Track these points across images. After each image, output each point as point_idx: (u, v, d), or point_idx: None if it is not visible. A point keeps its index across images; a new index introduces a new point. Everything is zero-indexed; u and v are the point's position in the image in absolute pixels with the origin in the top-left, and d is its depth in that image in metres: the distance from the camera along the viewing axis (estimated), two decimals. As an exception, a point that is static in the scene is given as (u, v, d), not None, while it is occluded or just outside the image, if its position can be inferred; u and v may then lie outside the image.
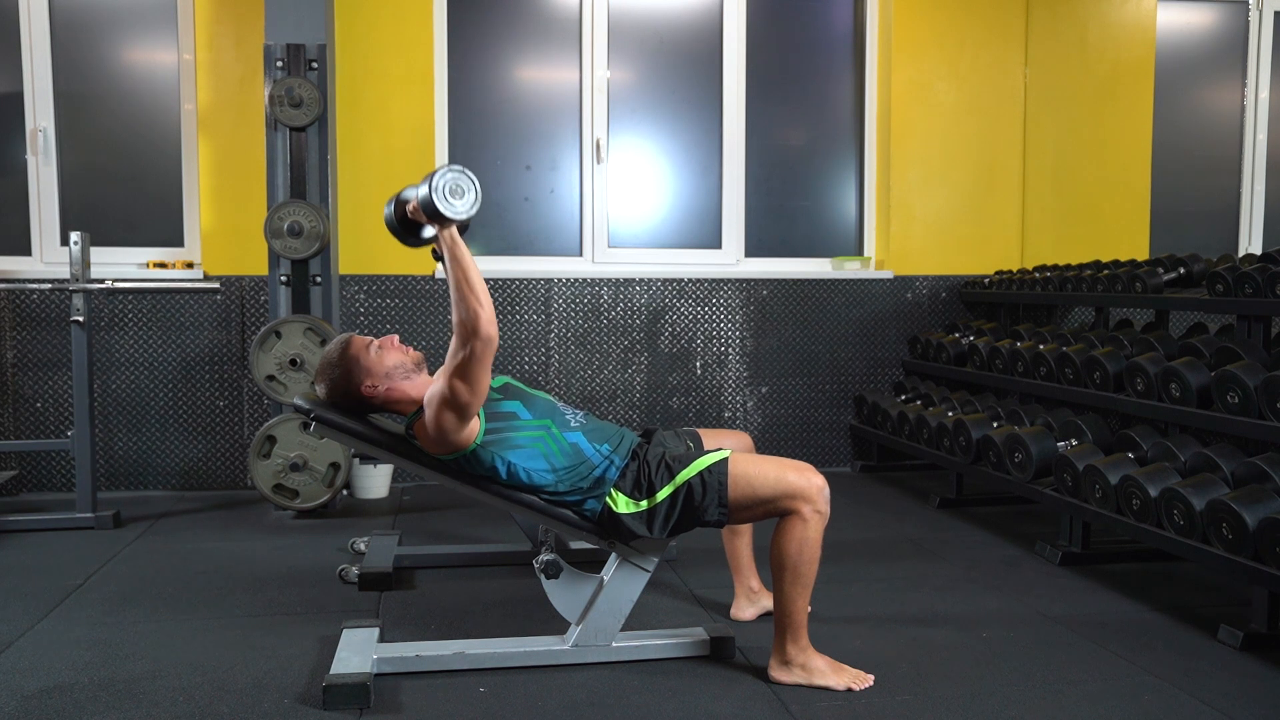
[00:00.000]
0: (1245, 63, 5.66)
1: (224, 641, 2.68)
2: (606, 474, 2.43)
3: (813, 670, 2.40)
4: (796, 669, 2.41)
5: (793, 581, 2.37)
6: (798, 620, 2.40)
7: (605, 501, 2.42)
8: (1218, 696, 2.36)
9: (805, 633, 2.42)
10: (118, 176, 4.64)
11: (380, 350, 2.46)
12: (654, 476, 2.41)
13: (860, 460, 5.08)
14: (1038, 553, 3.54)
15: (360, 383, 2.44)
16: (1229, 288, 3.36)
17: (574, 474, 2.42)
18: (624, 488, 2.42)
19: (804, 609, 2.41)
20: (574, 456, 2.43)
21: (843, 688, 2.37)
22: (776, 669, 2.43)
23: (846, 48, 5.23)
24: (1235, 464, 3.00)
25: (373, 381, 2.44)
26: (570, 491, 2.43)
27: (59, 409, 4.44)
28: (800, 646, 2.41)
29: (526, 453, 2.41)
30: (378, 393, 2.45)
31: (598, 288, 4.85)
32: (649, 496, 2.40)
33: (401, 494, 4.55)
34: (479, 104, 4.88)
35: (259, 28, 4.38)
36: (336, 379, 2.45)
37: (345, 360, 2.44)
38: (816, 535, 2.36)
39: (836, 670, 2.42)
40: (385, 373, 2.44)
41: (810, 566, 2.37)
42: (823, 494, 2.37)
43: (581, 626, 2.48)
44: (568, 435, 2.45)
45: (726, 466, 2.40)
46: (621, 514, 2.40)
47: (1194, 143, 5.65)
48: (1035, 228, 5.23)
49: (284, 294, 4.20)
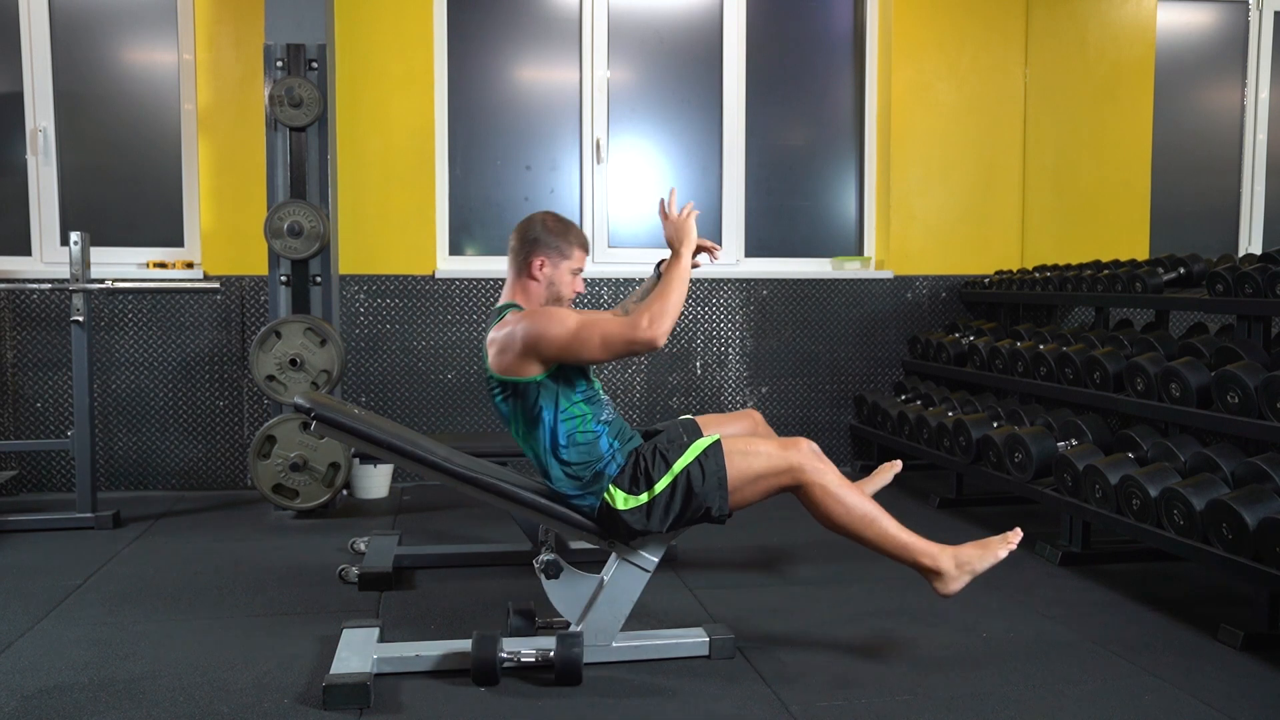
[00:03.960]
0: (1245, 63, 5.66)
1: (224, 641, 2.68)
2: (607, 470, 2.43)
3: (964, 564, 2.44)
4: (955, 575, 2.44)
5: (863, 531, 2.40)
6: (911, 548, 2.42)
7: (604, 498, 2.42)
8: (1218, 696, 2.36)
9: (928, 547, 2.43)
10: (118, 176, 4.64)
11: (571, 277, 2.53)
12: (651, 468, 2.41)
13: (860, 460, 5.08)
14: (1038, 553, 3.54)
15: (536, 259, 2.50)
16: (1229, 288, 3.36)
17: (581, 465, 2.43)
18: (622, 484, 2.42)
19: (899, 536, 2.41)
20: (589, 450, 2.43)
21: (1005, 554, 2.45)
22: (942, 585, 2.45)
23: (846, 48, 5.23)
24: (1235, 464, 3.00)
25: (540, 268, 2.50)
26: (571, 480, 2.43)
27: (59, 409, 4.44)
28: (938, 559, 2.43)
29: (563, 420, 2.42)
30: (537, 275, 2.50)
31: (598, 288, 4.85)
32: (648, 489, 2.40)
33: (401, 494, 4.55)
34: (479, 104, 4.88)
35: (259, 28, 4.38)
36: (529, 236, 2.51)
37: (548, 235, 2.51)
38: (837, 488, 2.38)
39: (984, 548, 2.46)
40: (549, 281, 2.51)
41: (861, 508, 2.39)
42: (813, 454, 2.40)
43: (582, 626, 2.48)
44: (595, 427, 2.46)
45: (721, 449, 2.40)
46: (621, 510, 2.40)
47: (1194, 143, 5.65)
48: (1035, 228, 5.23)
49: (284, 294, 4.20)
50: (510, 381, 2.42)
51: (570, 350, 2.34)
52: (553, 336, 2.34)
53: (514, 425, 2.49)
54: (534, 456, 2.49)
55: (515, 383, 2.42)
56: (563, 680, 2.34)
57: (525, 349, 2.36)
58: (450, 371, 4.75)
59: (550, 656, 2.38)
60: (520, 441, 2.51)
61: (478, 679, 2.36)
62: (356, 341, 4.67)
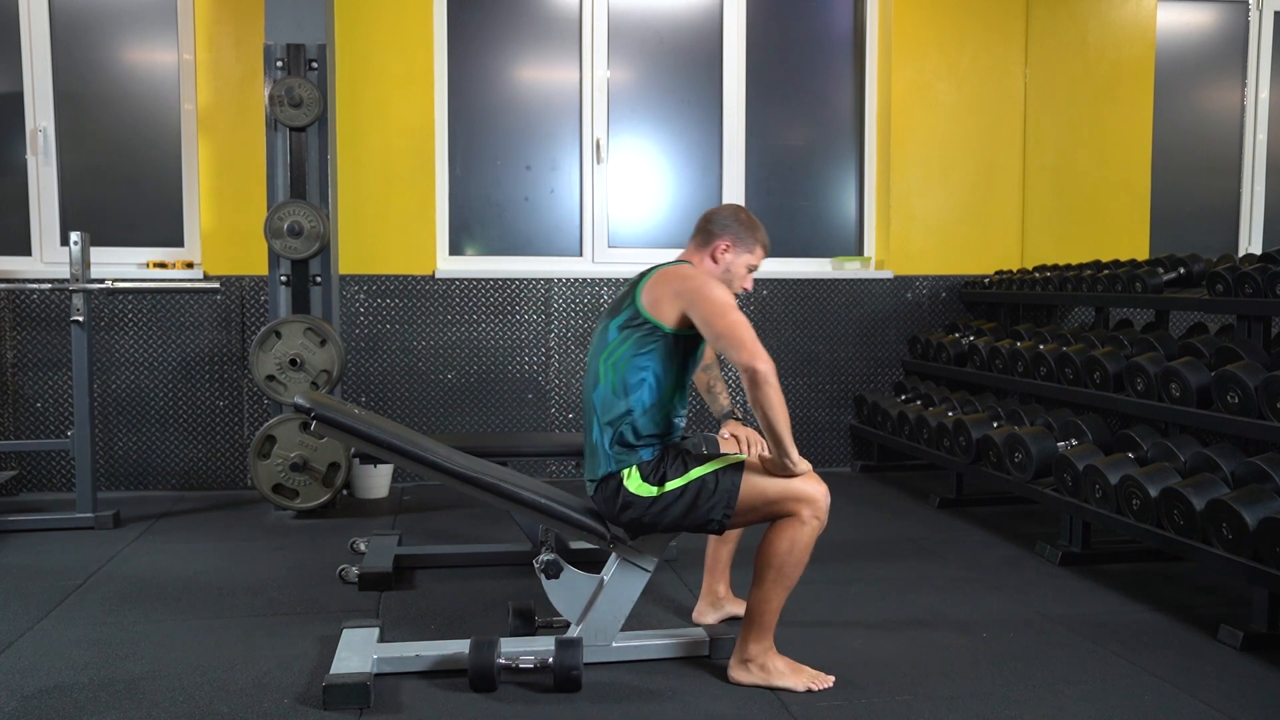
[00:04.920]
0: (1245, 63, 5.66)
1: (224, 641, 2.68)
2: (642, 452, 2.42)
3: (771, 670, 2.40)
4: (755, 668, 2.41)
5: (775, 581, 2.37)
6: (767, 621, 2.40)
7: (621, 471, 2.41)
8: (1218, 696, 2.36)
9: (771, 634, 2.42)
10: (118, 176, 4.64)
11: (746, 272, 2.57)
12: (669, 468, 2.41)
13: (860, 460, 5.08)
14: (1038, 553, 3.54)
15: (722, 242, 2.55)
16: (1229, 288, 3.36)
17: (633, 432, 2.42)
18: (643, 470, 2.41)
19: (777, 610, 2.40)
20: (651, 425, 2.43)
21: (802, 689, 2.37)
22: (735, 668, 2.43)
23: (846, 48, 5.23)
24: (1235, 464, 3.00)
25: (724, 250, 2.54)
26: (614, 434, 2.42)
27: (59, 409, 4.44)
28: (763, 646, 2.41)
29: (650, 383, 2.42)
30: (717, 257, 2.55)
31: (598, 288, 4.85)
32: (659, 485, 2.39)
33: (401, 494, 4.55)
34: (479, 104, 4.88)
35: (259, 28, 4.38)
36: (722, 219, 2.56)
37: (739, 226, 2.56)
38: (809, 540, 2.36)
39: (795, 671, 2.41)
40: (727, 266, 2.55)
41: (795, 570, 2.37)
42: (825, 501, 2.36)
43: (582, 626, 2.48)
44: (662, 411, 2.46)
45: (741, 472, 2.39)
46: (628, 488, 2.39)
47: (1194, 143, 5.65)
48: (1035, 228, 5.23)
49: (284, 294, 4.20)
50: (646, 318, 2.42)
51: (712, 312, 2.35)
52: (715, 291, 2.39)
53: (608, 356, 2.46)
54: (603, 392, 2.45)
55: (648, 320, 2.42)
56: (562, 689, 2.34)
57: (676, 297, 2.40)
58: (450, 371, 4.75)
59: (549, 663, 2.37)
60: (602, 369, 2.46)
61: (475, 685, 2.35)
62: (356, 341, 4.67)
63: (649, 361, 2.42)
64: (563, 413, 4.84)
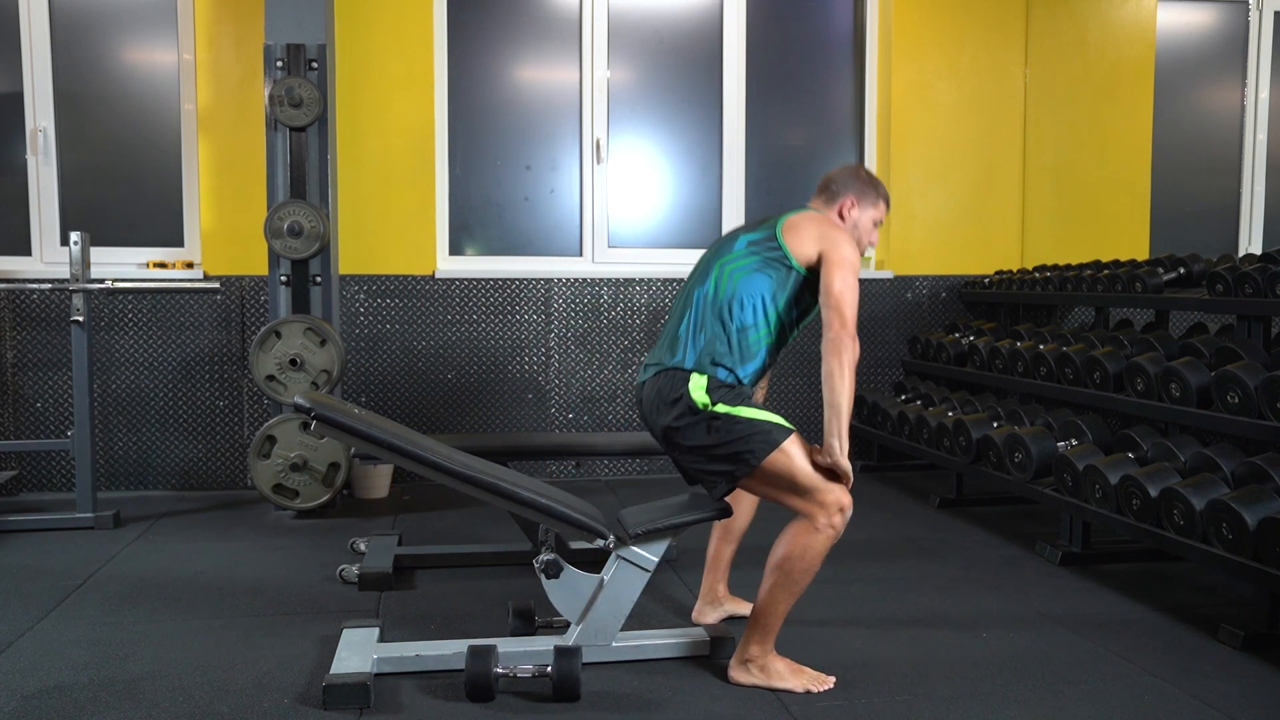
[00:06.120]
0: (1245, 63, 5.66)
1: (224, 641, 2.68)
2: (719, 371, 2.44)
3: (771, 672, 2.41)
4: (755, 669, 2.41)
5: (783, 585, 2.37)
6: (772, 624, 2.40)
7: (691, 373, 2.42)
8: (1218, 696, 2.36)
9: (773, 638, 2.42)
10: (118, 176, 4.64)
11: (872, 226, 2.65)
12: (732, 398, 2.41)
13: (860, 460, 5.08)
14: (1038, 553, 3.54)
15: (847, 199, 2.63)
16: (1229, 288, 3.36)
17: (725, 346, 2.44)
18: (711, 384, 2.41)
19: (782, 615, 2.40)
20: (740, 349, 2.45)
21: (801, 690, 2.37)
22: (735, 668, 2.44)
23: (846, 48, 5.23)
24: (1235, 464, 3.00)
25: (850, 207, 2.62)
26: (705, 345, 2.44)
27: (59, 409, 4.44)
28: (764, 648, 2.41)
29: (758, 306, 2.46)
30: (845, 214, 2.62)
31: (598, 288, 4.85)
32: (715, 403, 2.39)
33: (401, 494, 4.55)
34: (479, 104, 4.88)
35: (259, 28, 4.38)
36: (843, 179, 2.65)
37: (859, 183, 2.64)
38: (821, 549, 2.35)
39: (795, 672, 2.41)
40: (854, 223, 2.63)
41: (804, 577, 2.37)
42: (844, 513, 2.35)
43: (582, 626, 2.48)
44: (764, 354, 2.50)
45: (787, 437, 2.38)
46: (689, 389, 2.40)
47: (1194, 143, 5.65)
48: (1035, 228, 5.23)
49: (284, 294, 4.20)
50: (780, 245, 2.47)
51: (841, 269, 2.41)
52: (849, 248, 2.45)
53: (727, 261, 2.50)
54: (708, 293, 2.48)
55: (781, 248, 2.46)
56: (561, 698, 2.33)
57: (819, 239, 2.46)
58: (450, 371, 4.75)
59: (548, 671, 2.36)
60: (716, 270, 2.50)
61: (472, 695, 2.32)
62: (356, 341, 4.67)
63: (766, 284, 2.46)
64: (563, 413, 4.84)
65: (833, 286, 2.39)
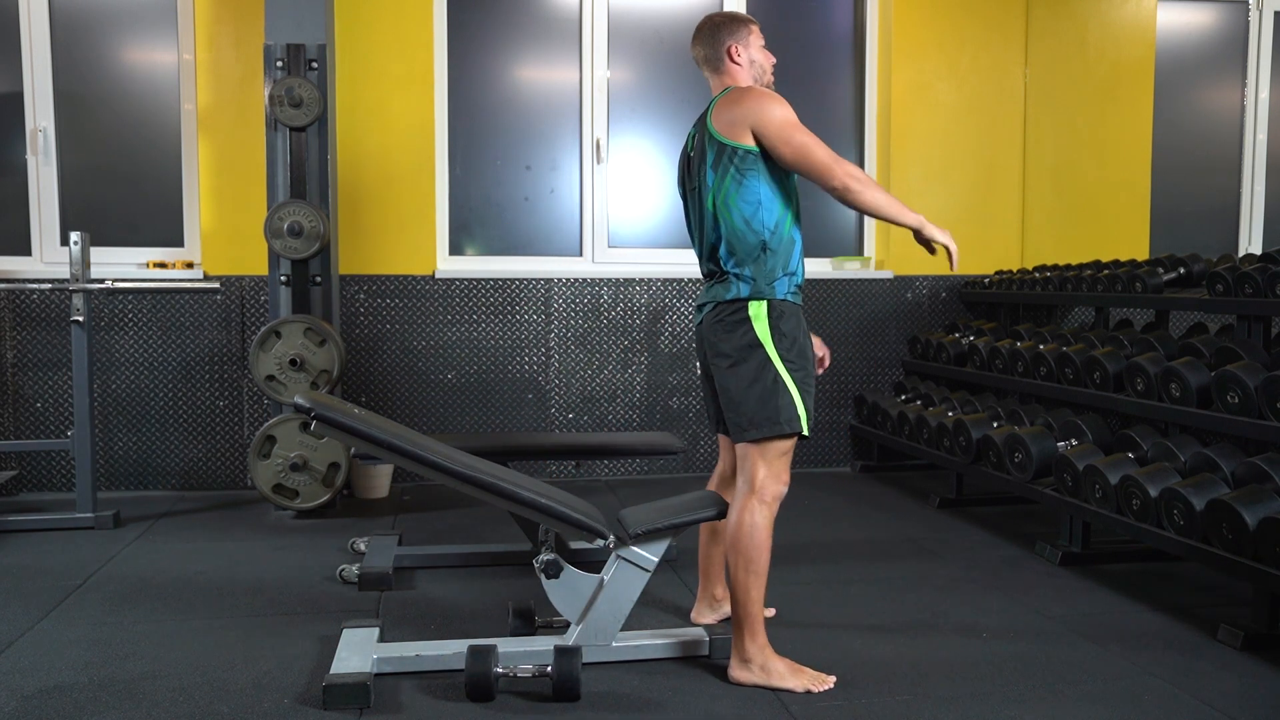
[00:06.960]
0: (1245, 63, 5.66)
1: (224, 641, 2.68)
2: (776, 283, 2.44)
3: (771, 671, 2.41)
4: (755, 669, 2.42)
5: (744, 568, 2.41)
6: (753, 613, 2.42)
7: (751, 302, 2.43)
8: (1218, 696, 2.36)
9: (762, 630, 2.44)
10: (118, 176, 4.64)
11: (762, 51, 2.68)
12: (790, 352, 2.43)
13: (860, 460, 5.08)
14: (1038, 553, 3.54)
15: (729, 45, 2.63)
16: (1229, 288, 3.36)
17: (766, 254, 2.44)
18: (773, 317, 2.43)
19: (758, 602, 2.42)
20: (782, 245, 2.46)
21: (801, 689, 2.38)
22: (736, 668, 2.45)
23: (846, 48, 5.23)
24: (1235, 464, 3.00)
25: (736, 53, 2.63)
26: (744, 260, 2.45)
27: (59, 409, 4.44)
28: (759, 645, 2.42)
29: (764, 203, 2.46)
30: (737, 61, 2.63)
31: (598, 288, 4.85)
32: (780, 357, 2.41)
33: (401, 494, 4.55)
34: (479, 104, 4.88)
35: (259, 28, 4.38)
36: (705, 36, 2.65)
37: (736, 23, 2.66)
38: (764, 523, 2.41)
39: (795, 672, 2.42)
40: (750, 60, 2.64)
41: (759, 553, 2.41)
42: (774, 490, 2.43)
43: (582, 626, 2.48)
44: (794, 230, 2.52)
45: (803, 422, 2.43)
46: (754, 322, 2.42)
47: (1194, 143, 5.65)
48: (1035, 228, 5.23)
49: (284, 294, 4.20)
50: (730, 144, 2.46)
51: (778, 137, 2.42)
52: (774, 112, 2.44)
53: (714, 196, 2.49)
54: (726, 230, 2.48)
55: (731, 145, 2.46)
56: (561, 698, 2.33)
57: (742, 120, 2.45)
58: (450, 371, 4.75)
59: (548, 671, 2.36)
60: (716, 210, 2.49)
61: (472, 695, 2.32)
62: (356, 341, 4.67)
63: (756, 184, 2.46)
64: (563, 413, 4.85)
65: (787, 160, 2.43)
